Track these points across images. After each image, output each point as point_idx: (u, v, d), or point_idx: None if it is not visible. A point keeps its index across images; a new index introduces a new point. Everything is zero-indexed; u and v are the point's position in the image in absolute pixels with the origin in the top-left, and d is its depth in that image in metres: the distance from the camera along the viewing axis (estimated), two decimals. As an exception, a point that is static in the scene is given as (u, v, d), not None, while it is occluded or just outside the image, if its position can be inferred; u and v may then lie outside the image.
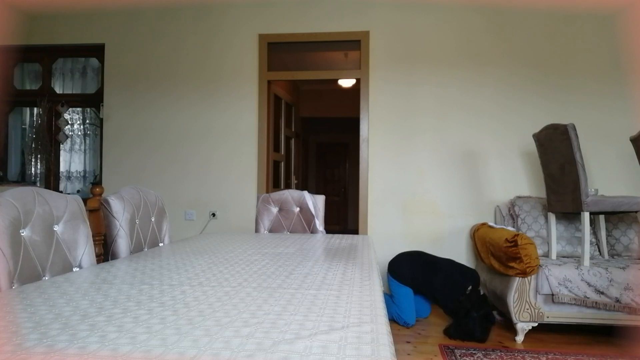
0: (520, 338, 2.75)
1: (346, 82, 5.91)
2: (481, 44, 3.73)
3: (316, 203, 2.95)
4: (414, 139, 3.77)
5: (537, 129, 3.09)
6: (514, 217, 3.42)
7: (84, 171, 4.55)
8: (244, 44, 3.94)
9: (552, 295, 2.71)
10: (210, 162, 3.97)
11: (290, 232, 2.89)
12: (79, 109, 4.54)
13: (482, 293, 2.99)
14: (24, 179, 4.47)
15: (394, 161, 3.78)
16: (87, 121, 4.57)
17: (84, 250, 1.59)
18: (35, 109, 4.43)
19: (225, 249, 1.88)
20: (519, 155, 3.68)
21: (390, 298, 3.11)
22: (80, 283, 1.21)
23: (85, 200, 1.85)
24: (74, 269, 1.52)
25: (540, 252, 3.02)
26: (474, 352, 2.56)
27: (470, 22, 3.74)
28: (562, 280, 2.70)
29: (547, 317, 2.73)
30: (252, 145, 3.92)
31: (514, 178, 3.68)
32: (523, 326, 2.75)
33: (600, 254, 3.17)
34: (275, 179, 4.42)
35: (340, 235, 2.50)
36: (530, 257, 2.65)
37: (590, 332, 2.89)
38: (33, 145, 4.38)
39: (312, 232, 2.88)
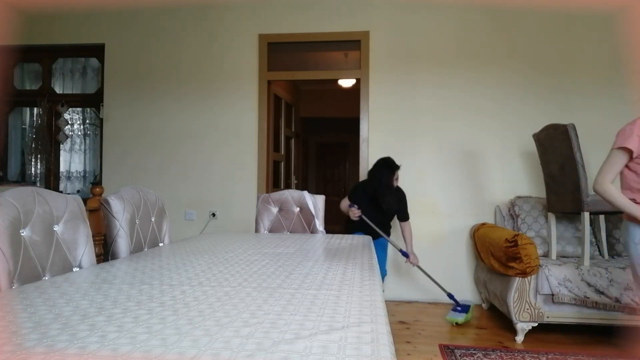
0: (520, 338, 2.75)
1: (346, 82, 5.90)
2: (481, 44, 3.73)
3: (316, 203, 2.95)
4: (414, 139, 3.77)
5: (537, 129, 3.08)
6: (514, 217, 3.41)
7: (84, 171, 4.55)
8: (244, 43, 3.94)
9: (552, 295, 2.71)
10: (210, 162, 3.97)
11: (290, 232, 2.88)
12: (79, 109, 4.54)
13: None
14: (24, 179, 4.47)
15: (394, 161, 3.77)
16: (87, 121, 4.57)
17: (84, 250, 1.58)
18: (35, 109, 4.43)
19: (225, 249, 1.88)
20: (519, 155, 3.68)
21: None
22: (80, 283, 1.20)
23: (85, 200, 1.85)
24: (74, 269, 1.52)
25: (540, 252, 3.02)
26: (474, 352, 2.56)
27: (470, 22, 3.74)
28: (562, 280, 2.70)
29: (547, 317, 2.73)
30: (252, 145, 3.92)
31: (514, 178, 3.68)
32: (523, 326, 2.75)
33: (600, 254, 3.17)
34: (275, 179, 4.42)
35: (340, 235, 2.50)
36: (530, 257, 2.65)
37: (590, 332, 2.89)
38: (33, 145, 4.37)
39: (312, 232, 2.87)
